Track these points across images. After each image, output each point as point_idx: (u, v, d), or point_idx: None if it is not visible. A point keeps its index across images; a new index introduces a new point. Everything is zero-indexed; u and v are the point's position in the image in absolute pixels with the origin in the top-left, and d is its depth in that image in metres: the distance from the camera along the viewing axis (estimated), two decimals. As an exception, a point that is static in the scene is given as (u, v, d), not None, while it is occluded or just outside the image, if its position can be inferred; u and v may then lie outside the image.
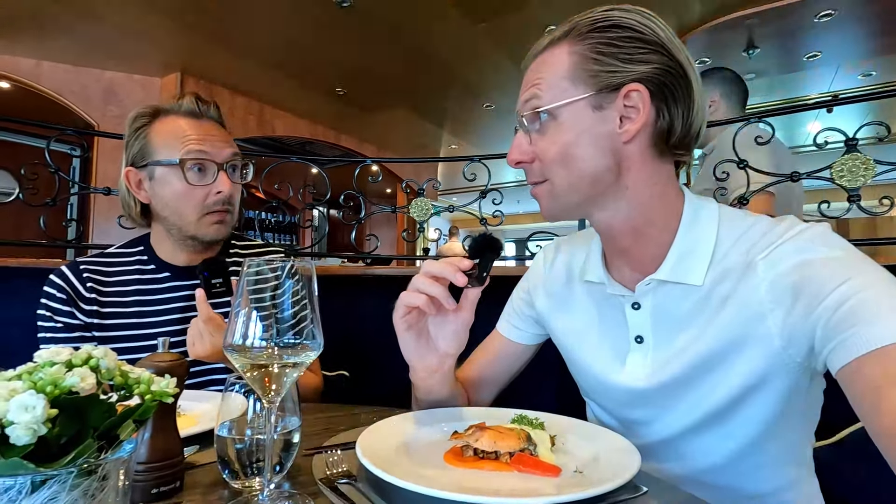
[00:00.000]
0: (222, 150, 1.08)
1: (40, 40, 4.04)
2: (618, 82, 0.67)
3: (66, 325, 1.01)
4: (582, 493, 0.50)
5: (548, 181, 0.72)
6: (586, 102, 0.68)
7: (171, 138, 1.05)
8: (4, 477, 0.35)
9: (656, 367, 0.74)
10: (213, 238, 1.10)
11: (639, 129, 0.68)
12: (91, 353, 0.43)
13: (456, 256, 0.72)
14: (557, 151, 0.69)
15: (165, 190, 1.06)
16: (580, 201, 0.72)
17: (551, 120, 0.70)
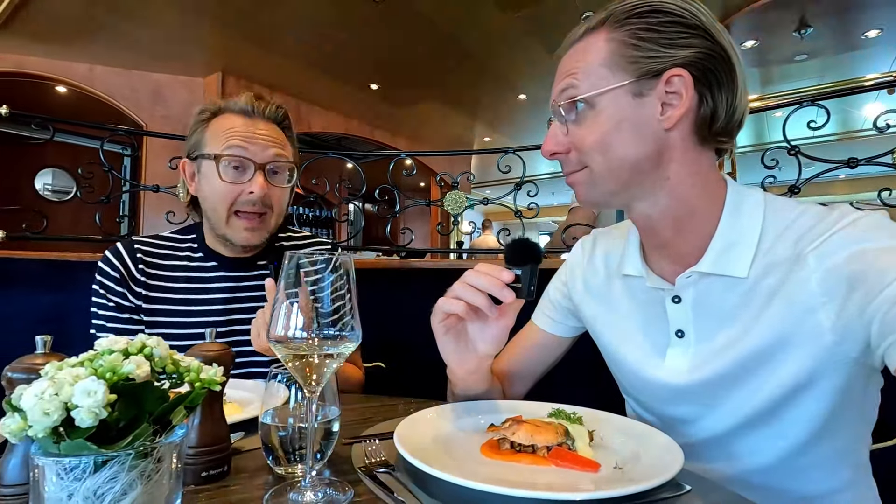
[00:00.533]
0: (265, 149, 1.05)
1: (93, 46, 4.26)
2: (659, 68, 0.65)
3: (117, 306, 1.05)
4: (622, 490, 0.49)
5: (587, 168, 0.70)
6: (626, 90, 0.66)
7: (219, 133, 1.05)
8: (71, 456, 0.38)
9: (698, 363, 0.72)
10: (244, 244, 1.07)
11: (681, 116, 0.66)
12: (145, 342, 0.45)
13: (496, 266, 0.70)
14: (596, 140, 0.68)
15: (206, 184, 1.06)
16: (619, 189, 0.70)
17: (589, 109, 0.68)
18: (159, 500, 0.42)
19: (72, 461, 0.38)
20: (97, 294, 1.06)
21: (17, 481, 0.46)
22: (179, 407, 0.44)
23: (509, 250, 0.70)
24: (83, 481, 0.38)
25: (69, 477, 0.38)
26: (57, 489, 0.38)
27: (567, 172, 0.73)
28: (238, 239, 1.06)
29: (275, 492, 0.54)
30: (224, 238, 1.08)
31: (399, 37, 4.37)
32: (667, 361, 0.75)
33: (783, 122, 1.53)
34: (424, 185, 9.59)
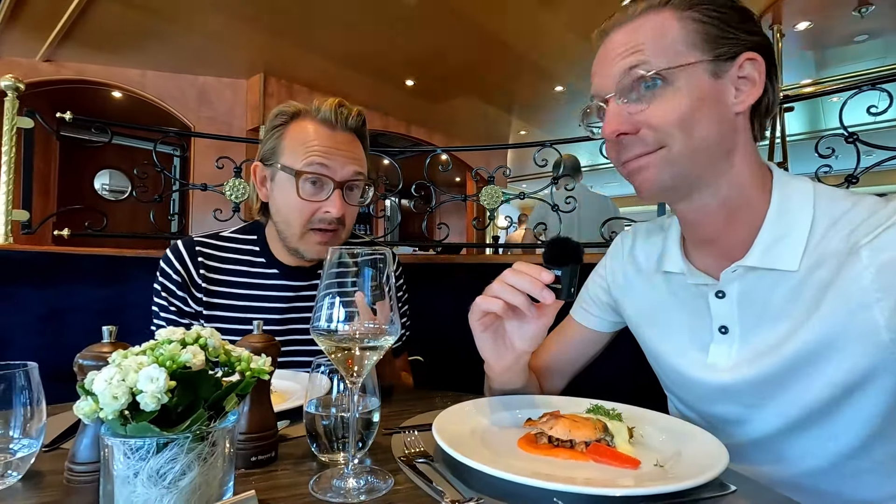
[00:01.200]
0: (345, 166, 1.02)
1: (144, 52, 4.48)
2: (735, 50, 0.64)
3: (178, 310, 1.06)
4: (663, 487, 0.49)
5: (664, 148, 0.65)
6: (704, 68, 0.64)
7: (299, 144, 1.01)
8: (136, 438, 0.41)
9: (743, 361, 0.70)
10: (314, 257, 1.06)
11: (753, 101, 0.65)
12: (200, 333, 0.48)
13: (535, 266, 0.68)
14: (678, 118, 0.63)
15: (280, 195, 1.03)
16: (692, 174, 0.66)
17: (666, 85, 0.64)
18: (214, 481, 0.44)
19: (137, 442, 0.41)
20: (158, 295, 1.06)
21: (88, 459, 0.50)
22: (231, 394, 0.47)
23: (549, 250, 0.68)
24: (147, 461, 0.41)
25: (135, 457, 0.41)
26: (124, 468, 0.41)
27: (635, 155, 0.67)
28: (310, 253, 1.05)
29: (319, 477, 0.57)
30: (295, 251, 1.06)
31: (434, 33, 4.37)
32: (709, 358, 0.73)
33: (840, 108, 1.44)
34: (460, 180, 9.59)
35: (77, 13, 3.69)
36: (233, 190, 1.99)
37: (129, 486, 0.41)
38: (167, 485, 0.41)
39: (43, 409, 0.58)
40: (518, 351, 0.76)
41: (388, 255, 0.58)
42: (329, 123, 1.03)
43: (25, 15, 3.67)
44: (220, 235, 1.13)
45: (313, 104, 1.04)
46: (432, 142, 7.08)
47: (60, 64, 4.44)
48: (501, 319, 0.75)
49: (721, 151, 0.66)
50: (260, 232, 1.14)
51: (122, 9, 3.72)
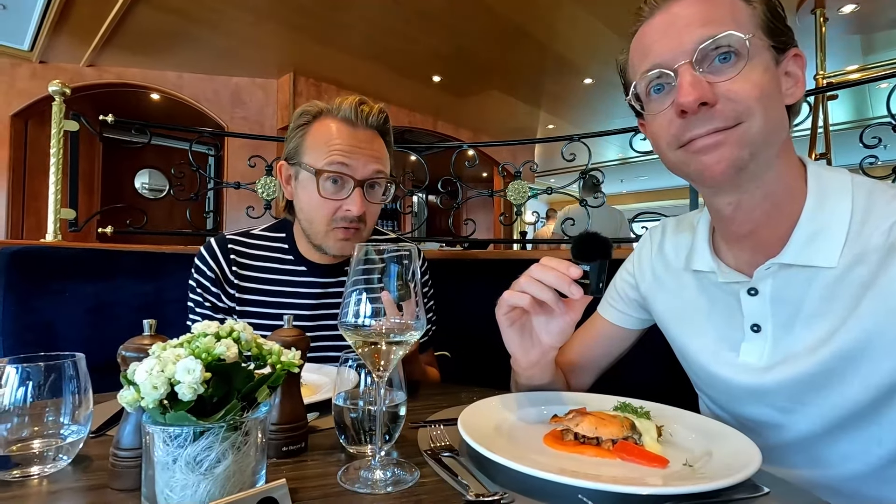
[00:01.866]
0: (366, 165, 1.02)
1: (180, 55, 4.63)
2: (786, 44, 0.64)
3: (213, 306, 1.10)
4: (692, 487, 0.48)
5: (743, 124, 0.61)
6: (770, 52, 0.63)
7: (320, 143, 1.02)
8: (174, 426, 0.43)
9: (777, 361, 0.67)
10: (338, 253, 1.07)
11: (800, 96, 0.65)
12: (233, 327, 0.50)
13: (563, 261, 0.67)
14: (759, 92, 0.60)
15: (303, 194, 1.05)
16: (760, 158, 0.63)
17: (744, 60, 0.61)
18: (247, 469, 0.46)
19: (175, 430, 0.43)
20: (194, 291, 1.09)
21: (131, 445, 0.53)
22: (263, 386, 0.49)
23: (577, 245, 0.67)
24: (185, 448, 0.43)
25: (174, 444, 0.43)
26: (164, 454, 0.43)
27: (708, 131, 0.62)
28: (333, 250, 1.06)
29: (347, 468, 0.58)
30: (319, 248, 1.08)
31: (460, 28, 4.36)
32: (741, 357, 0.71)
33: (888, 95, 1.37)
34: (487, 175, 9.56)
35: (117, 19, 3.84)
36: (264, 188, 2.04)
37: (168, 472, 0.43)
38: (203, 471, 0.43)
39: (90, 397, 0.61)
40: (545, 346, 0.75)
41: (414, 252, 0.59)
42: (350, 121, 1.03)
43: (70, 23, 3.84)
44: (251, 233, 1.16)
45: (335, 102, 1.05)
46: (459, 137, 7.07)
47: (103, 68, 4.63)
48: (528, 314, 0.74)
49: (779, 139, 0.64)
50: (288, 230, 1.16)
51: (159, 14, 3.85)
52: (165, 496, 0.43)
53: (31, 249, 1.36)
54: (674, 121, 0.64)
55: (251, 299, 1.10)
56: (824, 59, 2.86)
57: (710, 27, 0.61)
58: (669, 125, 0.65)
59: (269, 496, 0.42)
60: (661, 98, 0.66)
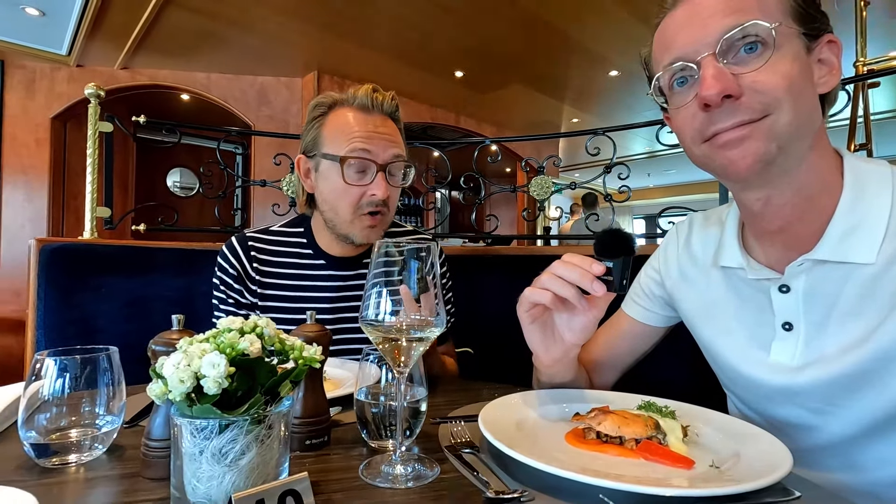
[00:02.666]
0: (386, 149, 1.04)
1: (209, 56, 4.73)
2: (820, 30, 0.61)
3: (236, 302, 1.12)
4: (718, 490, 0.46)
5: (769, 117, 0.59)
6: (801, 40, 0.61)
7: (339, 132, 1.04)
8: (201, 418, 0.44)
9: (810, 361, 0.65)
10: (364, 241, 1.08)
11: (835, 84, 0.62)
12: (257, 322, 0.51)
13: (586, 258, 0.66)
14: (788, 84, 0.58)
15: (325, 184, 1.06)
16: (791, 151, 0.60)
17: (770, 49, 0.58)
18: (271, 461, 0.47)
19: (201, 422, 0.44)
20: (217, 289, 1.12)
21: (161, 436, 0.55)
22: (286, 381, 0.50)
23: (600, 241, 0.66)
24: (211, 440, 0.44)
25: (200, 436, 0.44)
26: (191, 445, 0.44)
27: (734, 124, 0.60)
28: (360, 238, 1.07)
29: (369, 463, 0.59)
30: (346, 236, 1.08)
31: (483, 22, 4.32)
32: (771, 357, 0.68)
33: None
34: (510, 170, 9.48)
35: (149, 23, 3.95)
36: (289, 185, 2.08)
37: (195, 463, 0.44)
38: (228, 463, 0.44)
39: (123, 388, 0.64)
40: (567, 343, 0.74)
41: (433, 248, 0.59)
42: (365, 108, 1.05)
43: (105, 28, 3.97)
44: (270, 230, 1.18)
45: (349, 93, 1.06)
46: (482, 132, 7.03)
47: (136, 71, 4.78)
48: (550, 311, 0.73)
49: (811, 131, 0.62)
50: (306, 225, 1.18)
51: (188, 15, 3.94)
52: (193, 486, 0.45)
53: (70, 246, 1.42)
54: (697, 114, 0.62)
55: (273, 294, 1.12)
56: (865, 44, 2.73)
57: (734, 17, 0.59)
58: (693, 119, 0.63)
59: (292, 488, 0.43)
60: (684, 91, 0.64)
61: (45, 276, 1.35)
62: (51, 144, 4.41)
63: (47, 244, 1.37)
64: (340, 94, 1.08)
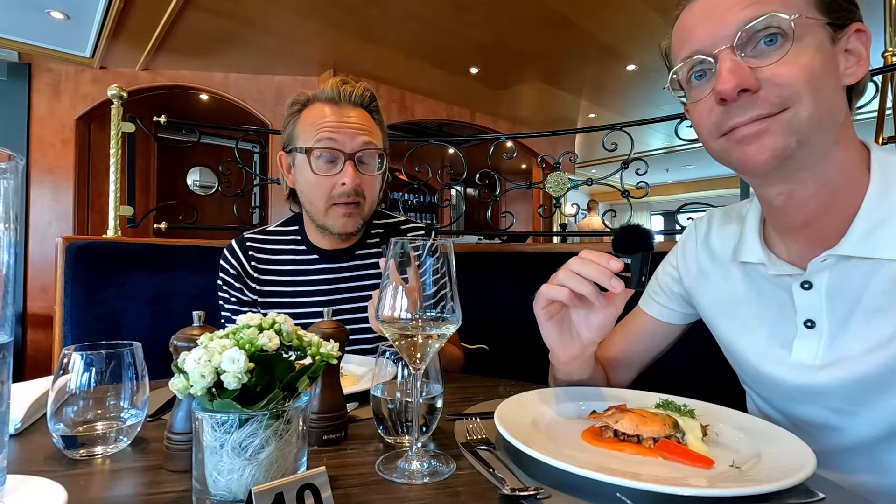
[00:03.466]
0: (353, 138, 1.05)
1: (227, 56, 4.80)
2: (847, 19, 0.60)
3: (238, 300, 1.16)
4: (739, 490, 0.46)
5: (789, 110, 0.58)
6: (825, 30, 0.59)
7: (310, 125, 1.06)
8: (221, 413, 0.45)
9: (833, 359, 0.63)
10: (340, 231, 1.09)
11: (862, 75, 0.60)
12: (275, 319, 0.52)
13: (603, 254, 0.66)
14: (809, 77, 0.57)
15: (299, 177, 1.09)
16: (812, 145, 0.59)
17: (791, 42, 0.57)
18: (289, 456, 0.48)
19: (222, 417, 0.45)
20: (221, 289, 1.16)
21: (183, 430, 0.56)
22: (304, 376, 0.50)
23: (619, 237, 0.65)
24: (231, 434, 0.45)
25: (220, 430, 0.45)
26: (212, 439, 0.45)
27: (751, 119, 0.59)
28: (336, 227, 1.09)
29: (385, 458, 0.59)
30: (324, 227, 1.10)
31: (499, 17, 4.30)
32: (793, 355, 0.67)
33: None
34: (526, 167, 9.42)
35: (168, 25, 4.02)
36: (306, 183, 2.09)
37: (216, 456, 0.45)
38: (248, 457, 0.45)
39: (146, 383, 0.65)
40: (584, 341, 0.73)
41: (449, 245, 0.59)
42: (334, 101, 1.07)
43: (127, 30, 4.06)
44: (267, 230, 1.22)
45: (320, 87, 1.09)
46: (497, 129, 7.00)
47: (156, 72, 4.87)
48: (567, 308, 0.72)
49: (834, 125, 0.60)
50: (300, 222, 1.21)
51: (207, 17, 4.00)
52: (214, 479, 0.45)
53: (96, 244, 1.45)
54: (714, 109, 0.61)
55: (270, 290, 1.15)
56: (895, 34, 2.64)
57: (752, 8, 0.58)
58: (710, 113, 0.62)
59: (310, 482, 0.43)
60: (701, 85, 0.63)
61: (71, 274, 1.39)
62: (76, 145, 4.52)
63: (73, 242, 1.41)
64: (314, 92, 1.11)
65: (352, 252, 1.18)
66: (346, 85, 1.08)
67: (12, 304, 0.42)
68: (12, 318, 0.42)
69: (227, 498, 0.45)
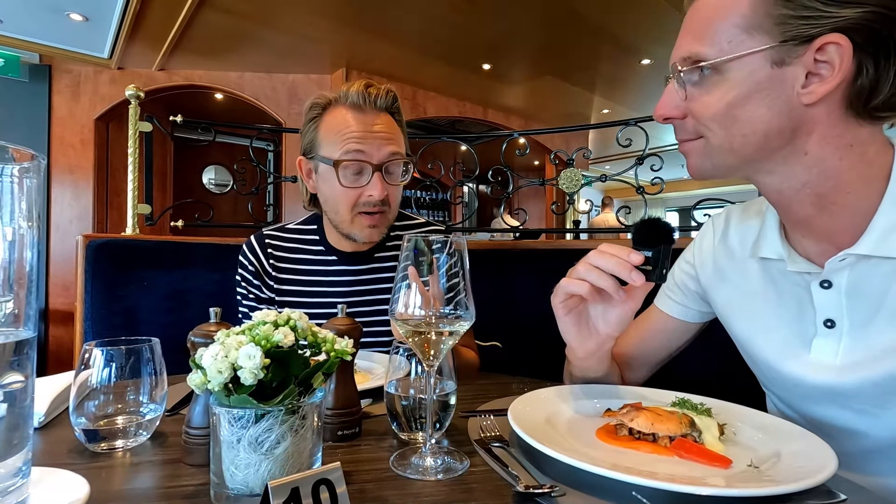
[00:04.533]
0: (381, 148, 1.03)
1: (241, 55, 4.85)
2: (812, 32, 0.54)
3: (256, 297, 1.16)
4: (758, 490, 0.45)
5: (702, 138, 0.64)
6: (765, 56, 0.57)
7: (334, 133, 1.04)
8: (238, 408, 0.46)
9: (855, 360, 0.62)
10: (366, 240, 1.09)
11: (829, 91, 0.55)
12: (290, 315, 0.52)
13: (623, 247, 0.66)
14: (718, 111, 0.60)
15: (324, 186, 1.07)
16: (738, 164, 0.63)
17: (715, 74, 0.60)
18: (305, 451, 0.48)
19: (238, 412, 0.46)
20: (239, 285, 1.16)
21: (201, 424, 0.57)
22: (318, 372, 0.51)
23: (639, 230, 0.65)
24: (247, 429, 0.46)
25: (237, 425, 0.46)
26: (229, 434, 0.46)
27: (680, 140, 0.67)
28: (362, 237, 1.08)
29: (399, 454, 0.59)
30: (348, 236, 1.10)
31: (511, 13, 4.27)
32: (812, 355, 0.66)
33: None
34: (539, 163, 9.37)
35: (184, 25, 4.07)
36: (319, 181, 2.10)
37: (233, 451, 0.46)
38: (264, 452, 0.46)
39: (164, 378, 0.66)
40: (602, 336, 0.73)
41: (463, 242, 0.59)
42: (358, 107, 1.04)
43: (143, 31, 4.12)
44: (286, 228, 1.22)
45: (342, 90, 1.06)
46: (510, 126, 6.97)
47: (172, 72, 4.93)
48: (586, 302, 0.72)
49: (779, 143, 0.60)
50: (319, 222, 1.20)
51: (221, 17, 4.04)
52: (231, 473, 0.46)
53: (114, 242, 1.48)
54: None
55: (288, 289, 1.15)
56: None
57: (687, 43, 0.62)
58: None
59: (325, 478, 0.44)
60: None
61: (91, 271, 1.41)
62: (95, 145, 4.61)
63: (93, 240, 1.44)
64: (334, 93, 1.07)
65: (370, 254, 1.18)
66: (371, 88, 1.05)
67: (35, 300, 0.43)
68: (35, 315, 0.43)
69: (244, 492, 0.46)
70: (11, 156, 0.40)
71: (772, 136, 0.59)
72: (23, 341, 0.41)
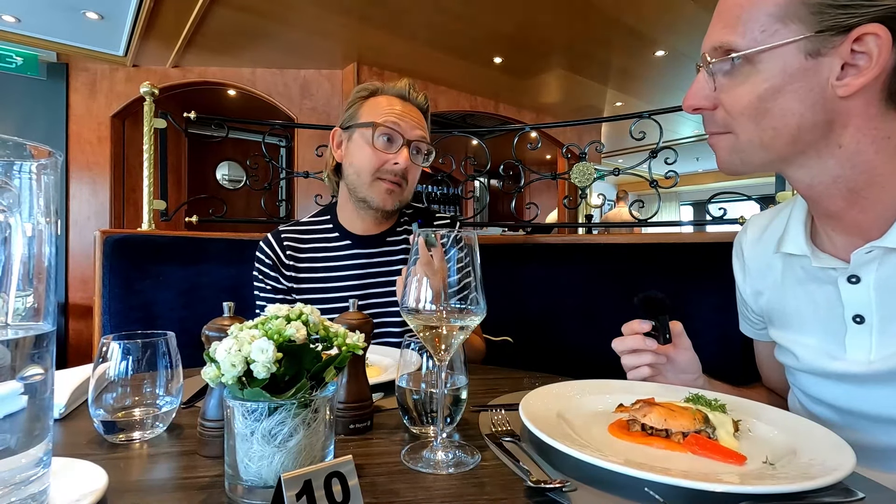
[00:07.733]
0: (413, 129, 1.19)
1: (253, 52, 4.87)
2: (851, 22, 0.52)
3: (273, 289, 1.22)
4: (773, 487, 0.44)
5: (731, 133, 0.62)
6: (798, 47, 0.55)
7: (375, 108, 1.19)
8: (251, 401, 0.46)
9: (886, 355, 0.60)
10: (379, 205, 1.18)
11: (866, 83, 0.53)
12: (302, 310, 0.53)
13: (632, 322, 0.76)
14: (749, 103, 0.59)
15: (354, 149, 1.19)
16: (770, 160, 0.62)
17: (747, 65, 0.58)
18: (317, 444, 0.49)
19: (252, 405, 0.46)
20: (257, 279, 1.23)
21: (215, 417, 0.58)
22: (330, 366, 0.51)
23: (642, 306, 0.76)
24: (261, 422, 0.46)
25: (251, 417, 0.46)
26: (242, 426, 0.46)
27: (709, 132, 0.66)
28: (376, 201, 1.17)
29: (410, 448, 0.60)
30: (363, 201, 1.19)
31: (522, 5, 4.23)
32: (847, 351, 0.65)
33: None
34: (551, 157, 9.29)
35: (197, 22, 4.10)
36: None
37: (247, 443, 0.46)
38: (277, 444, 0.46)
39: (180, 371, 0.67)
40: (688, 378, 0.79)
41: (474, 236, 0.58)
42: (402, 96, 1.22)
43: (157, 29, 4.16)
44: (300, 222, 1.31)
45: (389, 83, 1.24)
46: (521, 119, 6.91)
47: (186, 69, 4.98)
48: (657, 371, 0.79)
49: (812, 137, 0.58)
50: (332, 211, 1.30)
51: (234, 14, 4.07)
52: (245, 465, 0.47)
53: (131, 237, 1.51)
54: None
55: (304, 277, 1.22)
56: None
57: (720, 31, 0.60)
58: None
59: (338, 470, 0.44)
60: None
61: (108, 266, 1.44)
62: (111, 141, 4.68)
63: (110, 235, 1.47)
64: (382, 84, 1.25)
65: (383, 238, 1.25)
66: (413, 87, 1.24)
67: (54, 295, 0.44)
68: (55, 309, 0.44)
69: (258, 484, 0.47)
70: (29, 153, 0.40)
71: (805, 129, 0.58)
72: (42, 335, 0.42)
